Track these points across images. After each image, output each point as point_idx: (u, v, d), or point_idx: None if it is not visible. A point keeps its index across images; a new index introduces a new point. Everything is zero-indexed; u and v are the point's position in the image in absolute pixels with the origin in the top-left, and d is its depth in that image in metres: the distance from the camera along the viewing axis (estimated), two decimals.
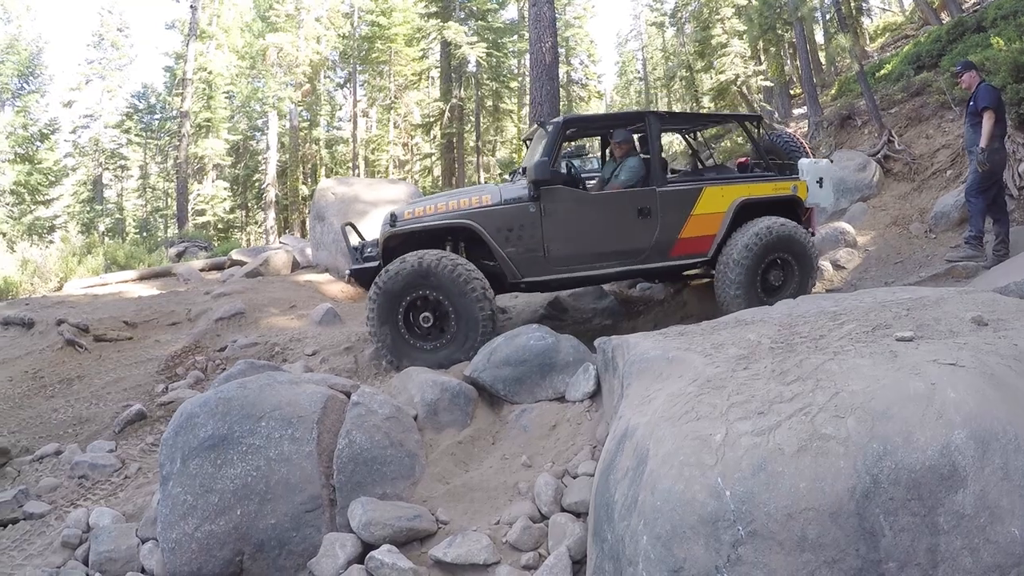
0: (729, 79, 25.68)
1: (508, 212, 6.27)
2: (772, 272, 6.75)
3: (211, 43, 31.69)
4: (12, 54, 30.65)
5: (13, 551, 4.60)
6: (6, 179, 27.86)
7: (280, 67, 31.41)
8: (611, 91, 53.37)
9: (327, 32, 33.38)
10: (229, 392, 4.40)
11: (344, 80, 37.41)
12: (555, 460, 4.32)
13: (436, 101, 33.50)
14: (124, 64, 35.80)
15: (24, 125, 29.81)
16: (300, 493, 4.01)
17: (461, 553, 3.62)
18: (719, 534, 2.53)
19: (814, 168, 7.13)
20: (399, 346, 6.03)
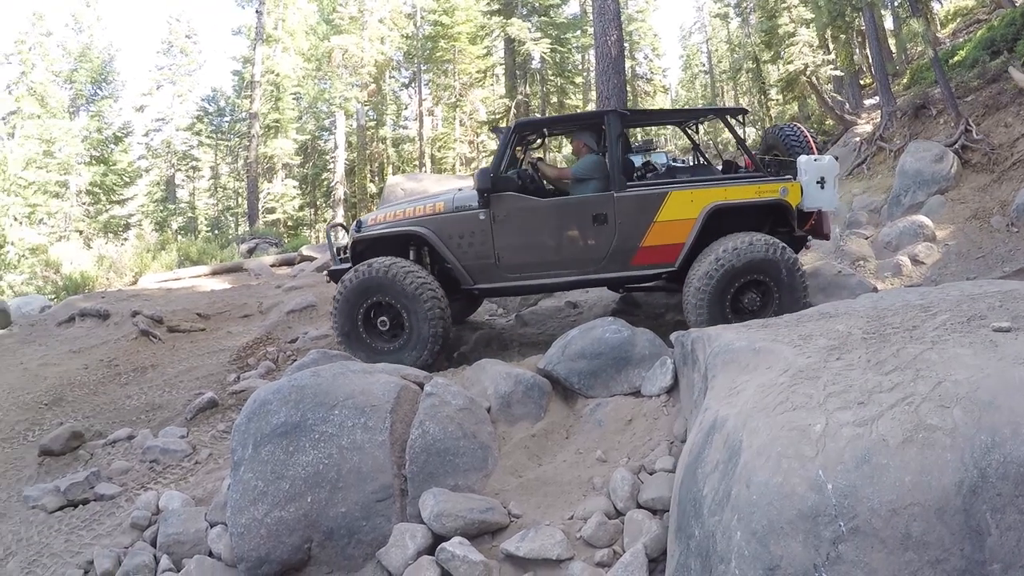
0: (798, 69, 24.91)
1: (458, 219, 6.26)
2: (746, 295, 6.08)
3: (277, 46, 32.31)
4: (85, 62, 31.91)
5: (83, 530, 4.72)
6: (83, 180, 29.00)
7: (345, 68, 31.80)
8: (676, 85, 52.71)
9: (390, 33, 33.64)
10: (302, 380, 4.40)
11: (409, 79, 37.72)
12: (631, 455, 4.20)
13: (501, 98, 33.47)
14: (193, 69, 36.89)
15: (99, 129, 31.08)
16: (371, 482, 3.99)
17: (534, 547, 3.54)
18: (819, 530, 2.39)
19: (814, 166, 6.37)
20: (360, 348, 6.16)
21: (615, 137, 6.32)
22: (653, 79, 41.49)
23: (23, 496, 5.20)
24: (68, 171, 28.58)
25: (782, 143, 7.11)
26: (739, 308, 6.05)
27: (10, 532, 4.80)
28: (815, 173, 6.34)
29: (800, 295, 6.05)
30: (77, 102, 32.05)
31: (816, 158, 6.48)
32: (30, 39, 30.58)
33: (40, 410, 6.76)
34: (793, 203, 6.26)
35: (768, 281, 6.02)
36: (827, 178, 6.37)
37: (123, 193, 30.90)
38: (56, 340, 9.08)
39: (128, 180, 31.47)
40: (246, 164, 31.19)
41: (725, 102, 46.16)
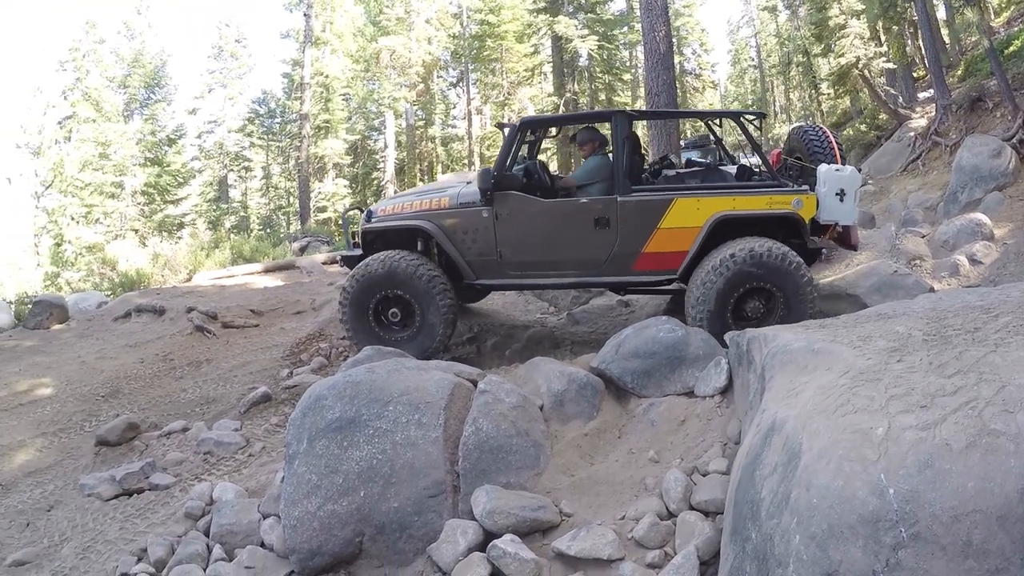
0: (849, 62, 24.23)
1: (462, 215, 6.36)
2: (750, 303, 5.96)
3: (326, 49, 32.66)
4: (138, 67, 32.61)
5: (137, 519, 4.83)
6: (137, 181, 29.68)
7: (393, 69, 32.04)
8: (725, 80, 51.95)
9: (437, 33, 33.80)
10: (357, 376, 4.46)
11: (457, 79, 37.90)
12: (683, 456, 4.17)
13: (550, 96, 33.40)
14: (244, 73, 37.48)
15: (152, 132, 31.75)
16: (424, 478, 4.02)
17: (585, 547, 3.53)
18: (879, 535, 2.34)
19: (835, 177, 6.11)
20: (369, 338, 6.35)
21: (621, 139, 6.22)
22: (702, 75, 40.99)
23: (79, 484, 5.33)
24: (123, 172, 29.31)
25: (804, 147, 6.85)
26: (742, 317, 5.93)
27: (65, 519, 4.93)
28: (835, 185, 6.12)
29: (807, 306, 5.88)
30: (131, 106, 32.75)
31: (838, 168, 6.21)
32: (84, 46, 31.32)
33: (97, 402, 6.93)
34: (807, 216, 6.06)
35: (773, 289, 5.88)
36: (847, 191, 6.13)
37: (177, 193, 31.58)
38: (113, 335, 9.31)
39: (182, 181, 32.17)
40: (297, 164, 31.66)
41: (775, 97, 45.40)
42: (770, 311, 5.96)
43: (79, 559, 4.41)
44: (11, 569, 4.38)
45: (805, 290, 5.88)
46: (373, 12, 35.71)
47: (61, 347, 8.88)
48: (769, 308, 5.96)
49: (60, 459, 5.89)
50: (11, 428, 6.39)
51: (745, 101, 47.29)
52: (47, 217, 29.53)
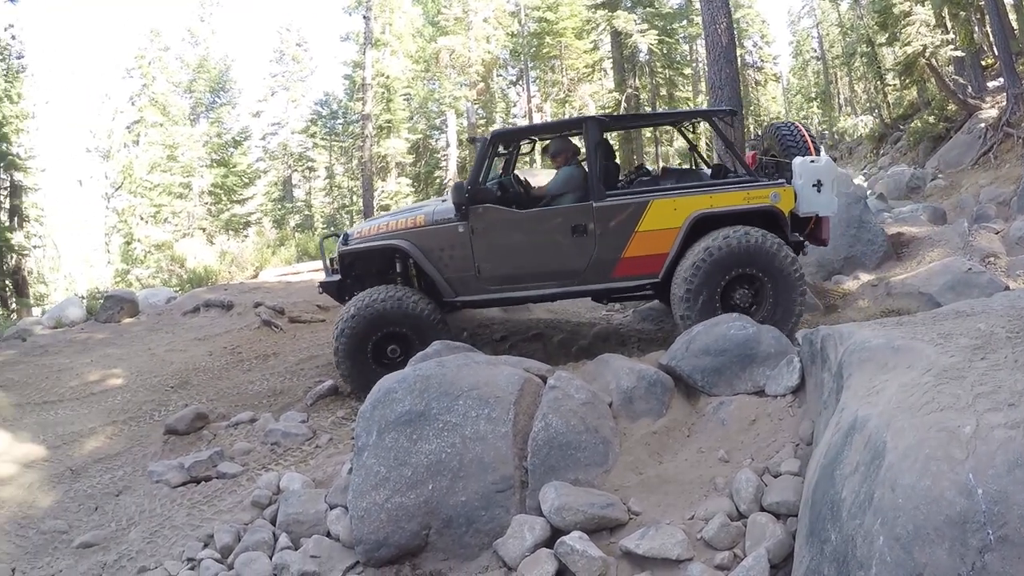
0: (916, 51, 23.38)
1: (438, 232, 6.27)
2: (737, 292, 5.94)
3: (386, 50, 33.05)
4: (203, 72, 33.52)
5: (204, 506, 4.94)
6: (205, 181, 30.61)
7: (453, 68, 32.29)
8: (787, 73, 50.77)
9: (495, 31, 33.92)
10: (427, 370, 4.49)
11: (516, 77, 37.92)
12: (754, 457, 4.08)
13: (611, 92, 33.22)
14: (306, 75, 38.12)
15: (218, 134, 32.73)
16: (492, 473, 4.02)
17: (654, 546, 3.47)
18: (966, 538, 2.26)
19: (810, 169, 6.08)
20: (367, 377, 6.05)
21: (594, 145, 6.16)
22: (763, 67, 40.30)
23: (147, 471, 5.47)
24: (191, 173, 30.22)
25: (778, 143, 6.74)
26: (730, 305, 5.88)
27: (133, 504, 5.06)
28: (811, 176, 6.07)
29: (795, 292, 5.85)
30: (197, 110, 33.70)
31: (812, 160, 6.16)
32: (149, 54, 32.33)
33: (166, 392, 7.10)
34: (785, 209, 6.02)
35: (760, 275, 5.83)
36: (824, 181, 6.09)
37: (243, 193, 32.39)
38: (182, 328, 9.53)
39: (247, 181, 32.99)
40: (360, 164, 32.07)
41: (839, 89, 44.31)
42: (759, 299, 5.94)
43: (146, 543, 4.52)
44: (79, 551, 4.51)
45: (790, 271, 5.86)
46: (431, 13, 35.97)
47: (131, 340, 9.13)
48: (757, 296, 5.94)
49: (129, 447, 6.05)
50: (82, 416, 6.58)
51: (808, 94, 46.23)
52: (117, 217, 30.70)
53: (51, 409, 6.83)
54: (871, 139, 29.61)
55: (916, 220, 11.47)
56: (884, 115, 30.57)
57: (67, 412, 6.73)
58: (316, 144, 37.99)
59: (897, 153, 24.67)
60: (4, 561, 4.40)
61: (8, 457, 5.81)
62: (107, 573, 4.24)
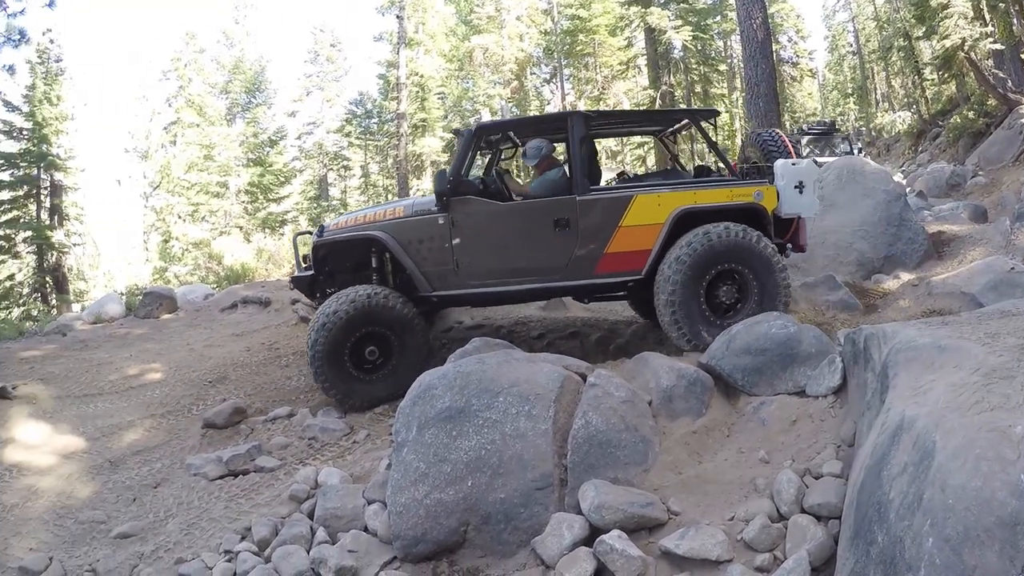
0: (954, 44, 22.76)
1: (417, 224, 6.13)
2: (721, 288, 5.87)
3: (419, 49, 33.23)
4: (238, 73, 34.10)
5: (241, 499, 4.97)
6: (241, 180, 31.04)
7: (487, 67, 32.38)
8: (823, 68, 49.98)
9: (528, 30, 33.95)
10: (467, 367, 4.50)
11: (550, 75, 37.88)
12: (795, 458, 4.04)
13: (646, 90, 33.01)
14: (340, 75, 38.38)
15: (255, 134, 33.21)
16: (532, 470, 4.02)
17: (694, 546, 3.45)
18: (1016, 540, 2.22)
19: (792, 171, 6.07)
20: (347, 383, 6.13)
21: (578, 140, 6.07)
22: (799, 63, 39.64)
23: (185, 464, 5.51)
24: (228, 173, 30.70)
25: (760, 149, 6.72)
26: (715, 303, 5.84)
27: (171, 496, 5.10)
28: (792, 177, 6.04)
29: (780, 287, 5.80)
30: (233, 110, 34.26)
31: (794, 161, 6.15)
32: (185, 56, 32.87)
33: (204, 387, 7.15)
34: (769, 207, 5.98)
35: (744, 271, 5.78)
36: (806, 182, 6.05)
37: (279, 192, 32.82)
38: (220, 324, 9.62)
39: (283, 180, 33.43)
40: (396, 162, 32.30)
41: (876, 85, 43.56)
42: (744, 295, 5.89)
43: (183, 535, 4.56)
44: (117, 541, 4.55)
45: (777, 271, 5.80)
46: (464, 12, 36.13)
47: (170, 335, 9.23)
48: (743, 292, 5.89)
49: (167, 440, 6.10)
50: (121, 409, 6.65)
51: (845, 89, 45.58)
52: (155, 216, 31.23)
53: (90, 402, 6.91)
54: (909, 135, 29.12)
55: (957, 218, 11.24)
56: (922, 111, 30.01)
57: (106, 405, 6.81)
58: (351, 143, 38.29)
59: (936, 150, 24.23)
60: (42, 550, 4.45)
61: (48, 448, 5.91)
62: (144, 563, 4.28)
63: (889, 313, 7.19)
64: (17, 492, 5.22)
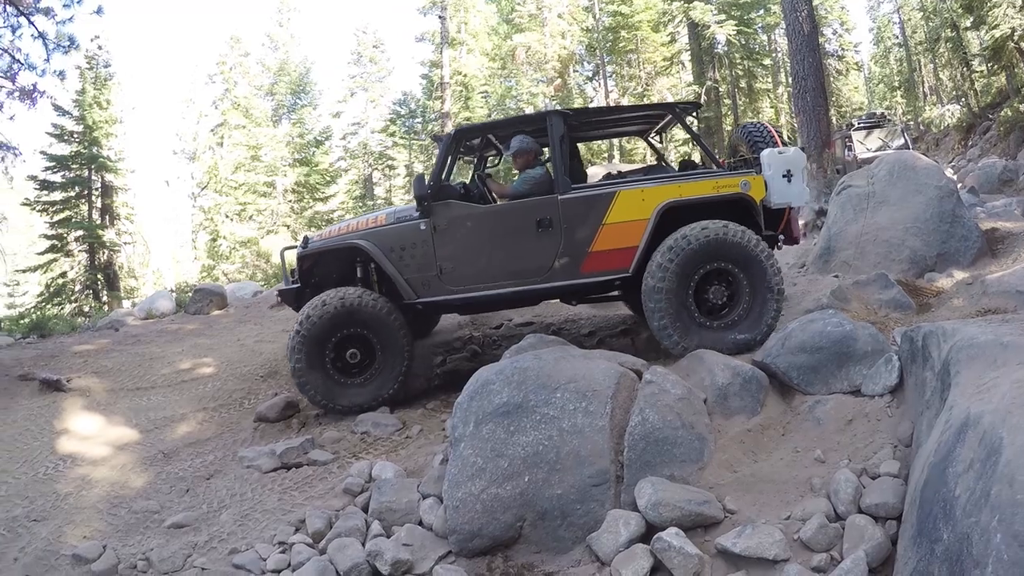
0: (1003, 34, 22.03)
1: (399, 231, 6.05)
2: (711, 288, 5.68)
3: (462, 48, 33.47)
4: (283, 76, 34.82)
5: (295, 491, 5.02)
6: (288, 180, 31.70)
7: (529, 65, 32.43)
8: (868, 61, 48.92)
9: (570, 27, 33.93)
10: (525, 362, 4.52)
11: (593, 72, 37.78)
12: (851, 458, 4.00)
13: (690, 86, 32.79)
14: (383, 76, 38.71)
15: (300, 134, 33.89)
16: (589, 466, 4.02)
17: (751, 545, 3.43)
18: None
19: (779, 160, 5.88)
20: (330, 388, 6.04)
21: (558, 138, 5.97)
22: (844, 56, 38.80)
23: (238, 456, 5.58)
24: (274, 173, 31.38)
25: (746, 142, 6.51)
26: (704, 303, 5.69)
27: (224, 487, 5.15)
28: (780, 166, 5.87)
29: (772, 285, 5.60)
30: (279, 111, 34.94)
31: (781, 150, 5.96)
32: (230, 60, 33.79)
33: (256, 381, 7.23)
34: (756, 198, 5.81)
35: (734, 269, 5.61)
36: (794, 171, 5.88)
37: (325, 191, 33.36)
38: (269, 320, 9.76)
39: (329, 179, 33.98)
40: None
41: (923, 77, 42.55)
42: (735, 295, 5.73)
43: (237, 525, 4.62)
44: (170, 530, 4.62)
45: (769, 269, 5.61)
46: (505, 10, 36.21)
47: (221, 331, 9.39)
48: (732, 291, 5.73)
49: (220, 432, 6.19)
50: (174, 402, 6.77)
51: (891, 83, 44.54)
52: (203, 215, 31.97)
53: (143, 395, 7.04)
54: (959, 129, 28.49)
55: (1010, 215, 10.95)
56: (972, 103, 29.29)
57: (159, 398, 6.94)
58: (396, 143, 38.56)
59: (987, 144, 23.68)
60: (96, 538, 4.54)
61: (102, 439, 6.04)
62: (198, 553, 4.35)
63: (943, 312, 7.03)
64: (71, 481, 5.35)
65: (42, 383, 6.94)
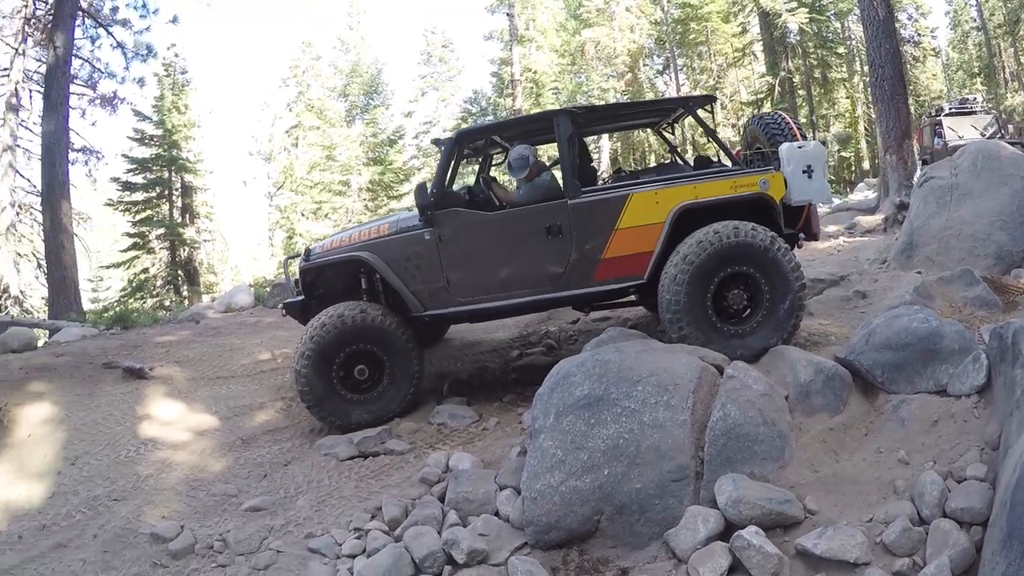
0: None
1: (403, 241, 5.82)
2: (731, 291, 5.38)
3: (531, 45, 33.56)
4: (356, 77, 35.38)
5: (371, 480, 5.10)
6: (362, 179, 32.41)
7: (599, 60, 32.33)
8: (946, 47, 46.81)
9: (639, 20, 33.66)
10: (606, 355, 4.52)
11: (663, 66, 37.46)
12: (936, 460, 3.91)
13: (763, 77, 32.23)
14: (453, 75, 38.90)
15: (374, 134, 34.47)
16: (669, 461, 4.00)
17: (832, 547, 3.39)
18: None
19: (798, 155, 5.61)
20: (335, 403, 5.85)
21: (566, 139, 5.74)
22: (921, 42, 37.28)
23: (316, 444, 5.67)
24: (349, 172, 32.09)
25: (763, 134, 6.25)
26: (723, 308, 5.39)
27: (302, 474, 5.25)
28: (800, 161, 5.59)
29: (793, 288, 5.30)
30: (352, 112, 35.60)
31: (800, 144, 5.68)
32: (302, 63, 34.52)
33: None
34: (776, 197, 5.53)
35: (754, 273, 5.31)
36: (815, 166, 5.60)
37: (399, 189, 33.84)
38: None
39: (403, 177, 34.50)
40: None
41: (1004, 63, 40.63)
42: (756, 299, 5.42)
43: (313, 511, 4.71)
44: (247, 513, 4.72)
45: (789, 271, 5.33)
46: (573, 6, 36.09)
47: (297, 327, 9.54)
48: (753, 296, 5.43)
49: (297, 421, 6.29)
50: (253, 391, 6.92)
51: (970, 69, 42.58)
52: (279, 214, 32.88)
53: (223, 384, 7.19)
54: None
55: None
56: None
57: (238, 387, 7.08)
58: None
59: None
60: (174, 518, 4.68)
61: (183, 425, 6.23)
62: (274, 536, 4.44)
63: None
64: (152, 464, 5.53)
65: (125, 371, 7.14)
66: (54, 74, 15.88)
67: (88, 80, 21.12)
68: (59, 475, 5.38)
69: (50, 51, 16.19)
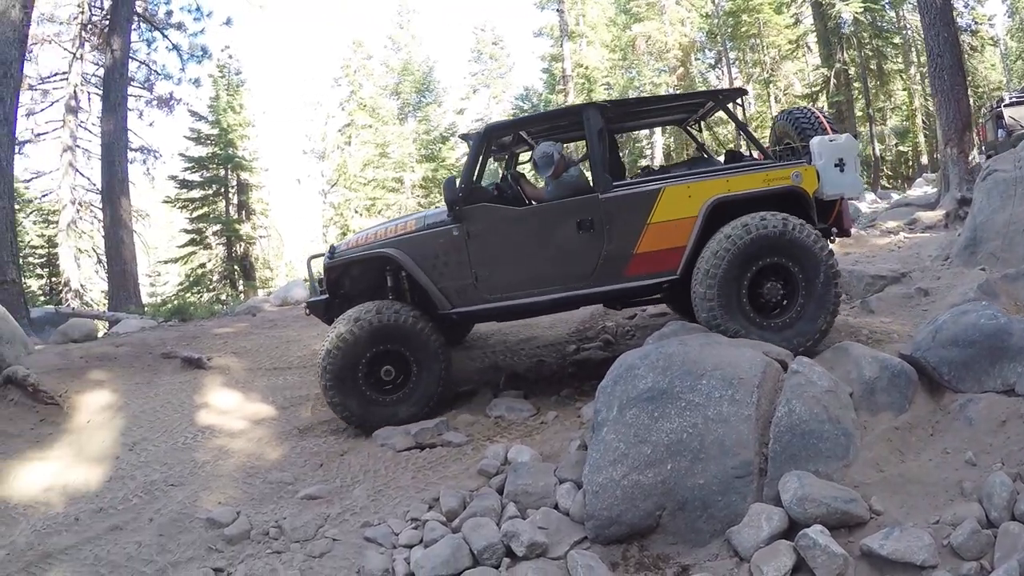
0: None
1: (430, 237, 5.75)
2: (766, 284, 5.31)
3: (582, 41, 33.61)
4: (407, 75, 35.90)
5: (428, 471, 5.13)
6: (415, 175, 33.00)
7: (650, 55, 32.11)
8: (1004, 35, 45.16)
9: (689, 14, 33.38)
10: (670, 348, 4.50)
11: (715, 59, 37.04)
12: (1004, 461, 3.82)
13: (818, 69, 31.60)
14: (504, 72, 39.20)
15: (426, 131, 35.10)
16: (733, 457, 3.95)
17: (898, 548, 3.32)
18: None
19: (830, 147, 5.52)
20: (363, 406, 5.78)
21: (595, 133, 5.65)
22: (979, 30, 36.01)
23: (373, 435, 5.67)
24: (402, 168, 32.61)
25: (793, 129, 6.13)
26: (758, 301, 5.32)
27: (358, 464, 5.29)
28: (832, 154, 5.52)
29: (829, 281, 5.22)
30: (404, 110, 36.15)
31: (832, 138, 5.57)
32: (354, 63, 35.17)
33: None
34: (809, 190, 5.44)
35: (790, 265, 5.23)
36: (847, 159, 5.52)
37: None
38: None
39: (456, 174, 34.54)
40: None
41: None
42: (791, 291, 5.37)
43: (370, 500, 4.76)
44: (303, 501, 4.79)
45: (824, 264, 5.26)
46: (623, 1, 35.85)
47: None
48: (789, 288, 5.38)
49: None
50: (310, 382, 6.96)
51: None
52: (333, 210, 33.45)
53: (280, 375, 7.32)
54: None
55: None
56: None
57: (295, 378, 7.19)
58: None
59: None
60: (230, 504, 4.76)
61: (240, 414, 6.35)
62: (330, 524, 4.49)
63: None
64: (209, 451, 5.66)
65: (184, 361, 7.32)
66: (112, 76, 16.39)
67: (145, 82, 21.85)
68: (117, 460, 5.55)
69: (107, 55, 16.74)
